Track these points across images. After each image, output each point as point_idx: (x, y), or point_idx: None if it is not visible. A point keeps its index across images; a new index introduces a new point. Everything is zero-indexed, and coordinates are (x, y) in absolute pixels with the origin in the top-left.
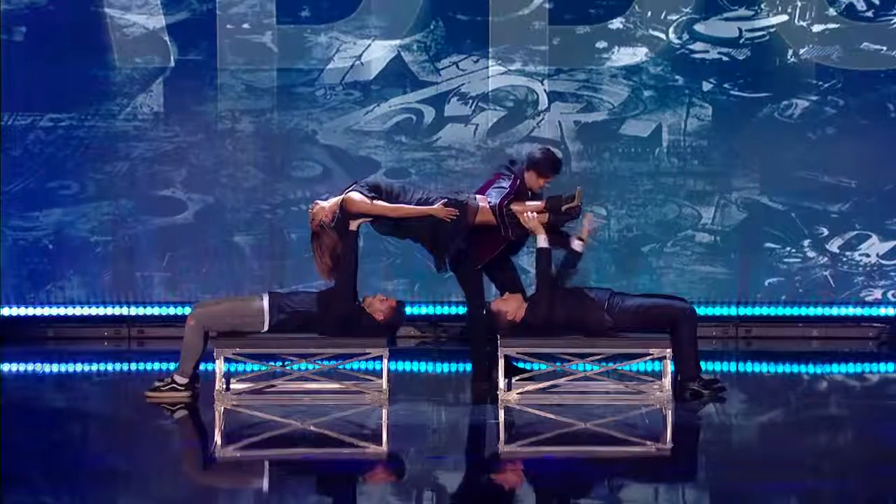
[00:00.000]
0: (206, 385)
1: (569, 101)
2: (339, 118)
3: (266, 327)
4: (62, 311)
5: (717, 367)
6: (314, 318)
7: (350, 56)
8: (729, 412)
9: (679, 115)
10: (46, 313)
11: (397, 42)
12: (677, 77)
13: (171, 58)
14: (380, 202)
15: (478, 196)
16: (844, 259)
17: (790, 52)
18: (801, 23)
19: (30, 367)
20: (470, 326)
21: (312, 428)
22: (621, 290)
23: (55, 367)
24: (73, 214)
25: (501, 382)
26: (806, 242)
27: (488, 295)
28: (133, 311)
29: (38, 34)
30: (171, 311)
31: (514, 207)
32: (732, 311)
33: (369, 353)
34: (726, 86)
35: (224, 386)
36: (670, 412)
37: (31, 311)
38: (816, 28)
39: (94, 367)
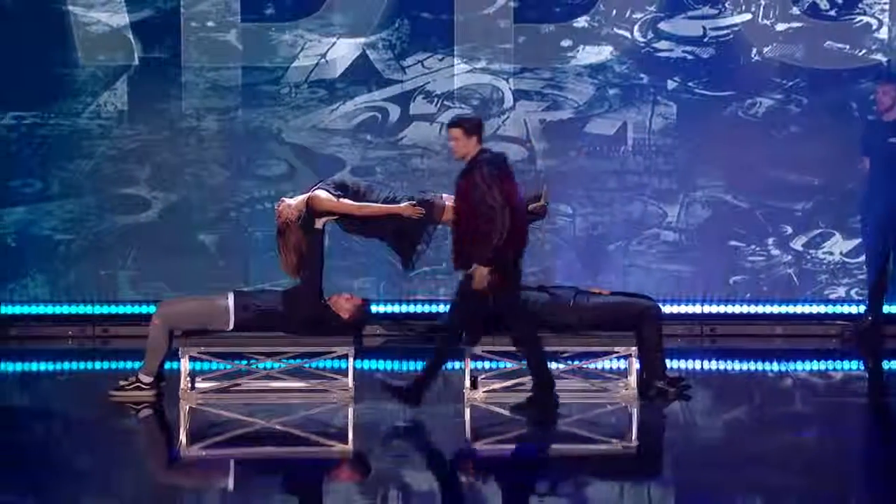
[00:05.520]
0: (171, 384)
1: (534, 99)
2: (304, 116)
3: (231, 326)
4: (25, 309)
5: (683, 364)
6: (280, 316)
7: (315, 54)
8: (694, 410)
9: (644, 114)
10: (10, 312)
11: (362, 40)
12: (642, 75)
13: (136, 56)
14: (346, 200)
15: (444, 195)
16: (808, 257)
17: (754, 50)
18: (765, 21)
19: None
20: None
21: (278, 427)
22: (586, 288)
23: (19, 367)
24: (36, 212)
25: (467, 381)
26: (770, 240)
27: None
28: (97, 309)
29: (1, 31)
30: (136, 309)
31: None
32: (697, 308)
33: (335, 352)
34: (691, 84)
35: (189, 385)
36: (636, 410)
37: None
38: (780, 27)
39: (59, 366)
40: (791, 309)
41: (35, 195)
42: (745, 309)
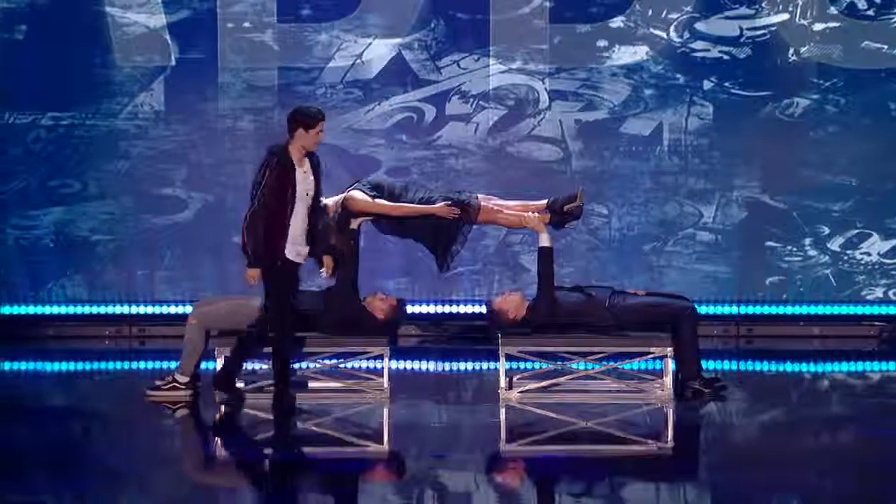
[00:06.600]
0: (207, 384)
1: (569, 99)
2: (339, 117)
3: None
4: (63, 309)
5: (718, 365)
6: (315, 317)
7: (351, 55)
8: (730, 411)
9: (680, 114)
10: (48, 312)
11: (398, 41)
12: (678, 76)
13: (172, 56)
14: (381, 201)
15: (479, 195)
16: (846, 258)
17: (791, 50)
18: (802, 21)
19: (31, 366)
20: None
21: (313, 427)
22: (622, 288)
23: (56, 366)
24: (74, 213)
25: (503, 381)
26: (807, 241)
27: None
28: (134, 309)
29: (39, 32)
30: (172, 309)
31: (516, 208)
32: (733, 309)
33: (370, 352)
34: (727, 84)
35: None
36: (671, 411)
37: (32, 310)
38: (817, 27)
39: (96, 365)
40: (828, 310)
41: (73, 196)
42: (781, 310)
